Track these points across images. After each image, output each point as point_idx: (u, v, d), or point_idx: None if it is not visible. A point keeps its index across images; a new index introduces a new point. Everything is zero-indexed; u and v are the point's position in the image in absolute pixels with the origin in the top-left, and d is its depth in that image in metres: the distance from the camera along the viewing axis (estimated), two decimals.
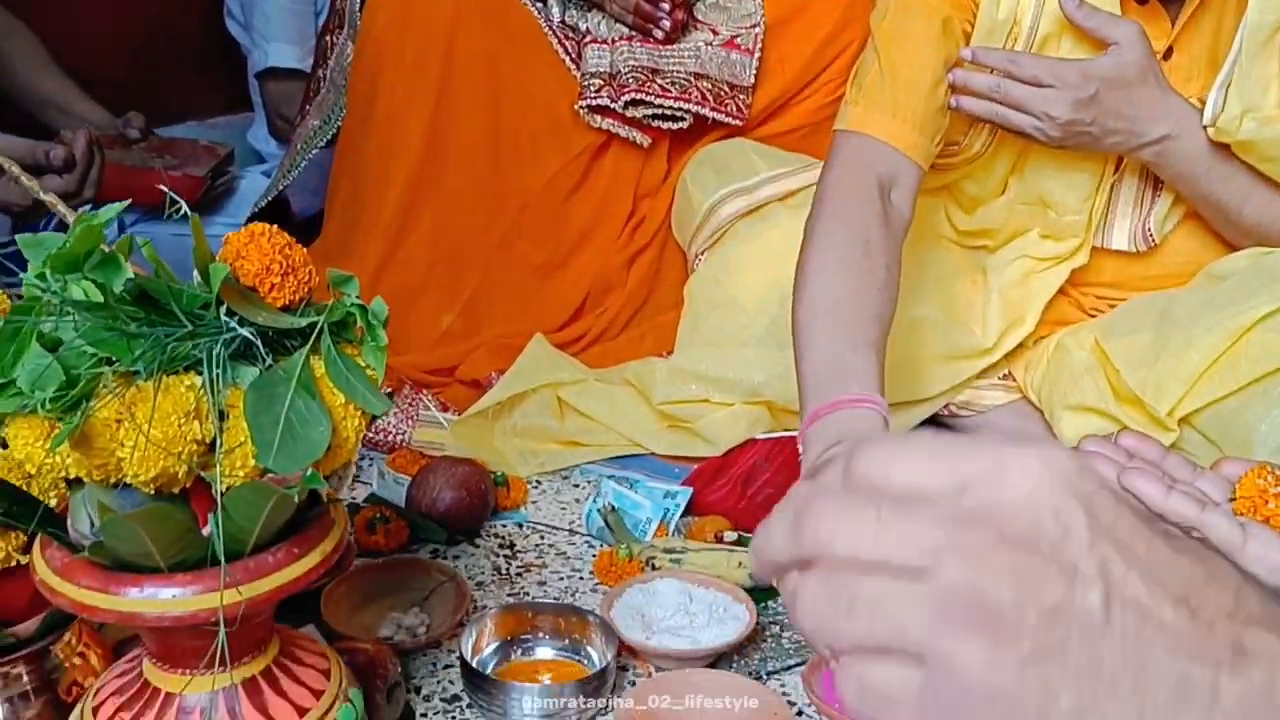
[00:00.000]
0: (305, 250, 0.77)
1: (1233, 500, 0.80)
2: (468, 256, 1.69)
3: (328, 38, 1.87)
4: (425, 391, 1.57)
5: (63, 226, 1.59)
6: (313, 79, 1.91)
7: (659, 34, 1.64)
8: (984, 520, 0.35)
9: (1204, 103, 1.26)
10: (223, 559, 0.66)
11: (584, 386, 1.53)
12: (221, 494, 0.67)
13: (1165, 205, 1.36)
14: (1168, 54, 1.31)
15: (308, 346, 0.73)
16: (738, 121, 1.66)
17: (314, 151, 1.85)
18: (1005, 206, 1.43)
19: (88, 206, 1.75)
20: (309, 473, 0.68)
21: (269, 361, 0.71)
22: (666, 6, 1.63)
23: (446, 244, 1.68)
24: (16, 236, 0.69)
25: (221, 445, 0.67)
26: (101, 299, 0.64)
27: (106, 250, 0.68)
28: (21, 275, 1.72)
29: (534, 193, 1.69)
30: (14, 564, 0.81)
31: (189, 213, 0.72)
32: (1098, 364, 1.37)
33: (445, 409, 1.56)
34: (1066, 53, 1.29)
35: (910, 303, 1.36)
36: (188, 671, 0.75)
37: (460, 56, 1.65)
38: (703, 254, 1.62)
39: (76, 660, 0.87)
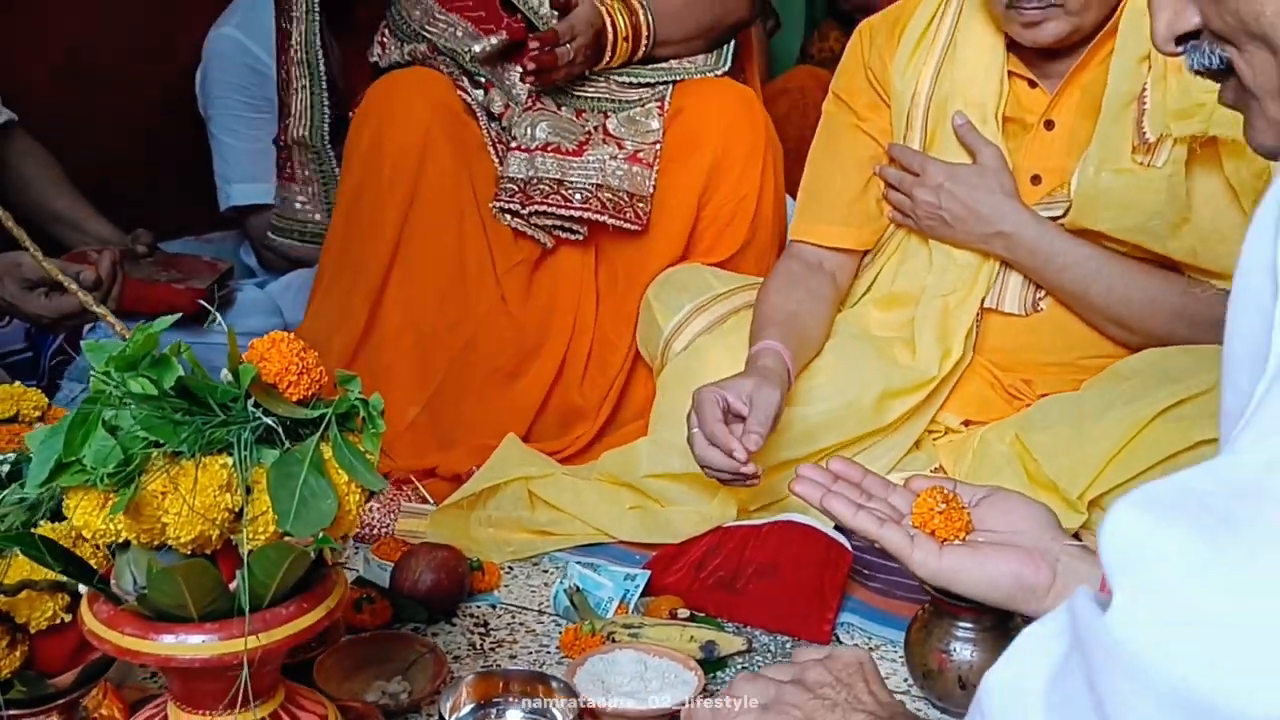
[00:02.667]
0: (315, 353, 0.92)
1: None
2: (433, 354, 1.86)
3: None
4: (408, 485, 1.71)
5: (73, 338, 1.74)
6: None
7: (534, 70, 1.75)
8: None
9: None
10: (247, 608, 0.80)
11: (553, 480, 1.68)
12: (247, 553, 0.81)
13: None
14: (1050, 125, 1.59)
15: (318, 434, 0.88)
16: (636, 227, 1.83)
17: None
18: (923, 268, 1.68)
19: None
20: (320, 536, 0.82)
21: (286, 445, 0.86)
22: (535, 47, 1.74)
23: (412, 340, 1.85)
24: (82, 343, 0.84)
25: (247, 513, 0.82)
26: (156, 392, 0.79)
27: (158, 354, 0.83)
28: (31, 382, 1.85)
29: (493, 299, 1.87)
30: (59, 621, 0.94)
31: (222, 323, 0.87)
32: (1016, 455, 1.53)
33: (425, 501, 1.70)
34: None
35: (854, 366, 1.64)
36: (208, 713, 0.88)
37: (429, 173, 1.83)
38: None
39: (103, 712, 1.00)
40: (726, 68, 2.00)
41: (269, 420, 0.84)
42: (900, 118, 1.67)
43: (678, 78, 1.94)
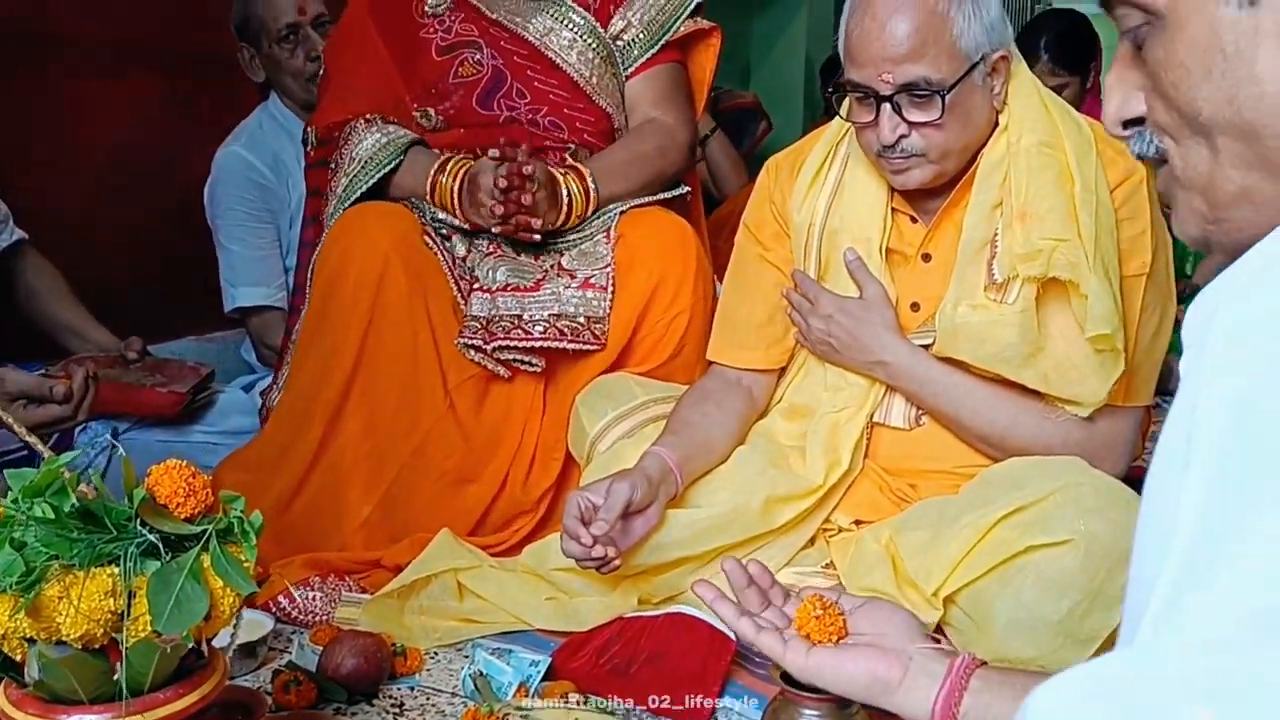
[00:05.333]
0: (205, 478, 1.11)
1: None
2: (388, 456, 2.04)
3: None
4: (348, 578, 1.89)
5: (61, 441, 1.95)
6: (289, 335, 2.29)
7: (533, 235, 2.01)
8: None
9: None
10: (124, 693, 0.98)
11: (480, 572, 1.85)
12: (126, 648, 0.99)
13: None
14: (927, 258, 1.75)
15: (199, 546, 1.06)
16: (595, 347, 2.02)
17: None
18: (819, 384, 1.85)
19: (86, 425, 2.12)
20: (186, 634, 1.00)
21: (169, 557, 1.04)
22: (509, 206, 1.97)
23: (369, 445, 2.03)
24: (6, 472, 1.03)
25: (129, 615, 1.00)
26: (53, 516, 0.98)
27: (65, 479, 1.02)
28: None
29: (444, 408, 2.05)
30: None
31: (132, 446, 1.06)
32: (887, 554, 1.68)
33: (365, 591, 1.87)
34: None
35: (747, 472, 1.80)
36: None
37: (387, 294, 2.03)
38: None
39: None
40: (681, 191, 2.23)
41: (153, 537, 1.03)
42: (799, 247, 1.85)
43: (622, 208, 2.15)
